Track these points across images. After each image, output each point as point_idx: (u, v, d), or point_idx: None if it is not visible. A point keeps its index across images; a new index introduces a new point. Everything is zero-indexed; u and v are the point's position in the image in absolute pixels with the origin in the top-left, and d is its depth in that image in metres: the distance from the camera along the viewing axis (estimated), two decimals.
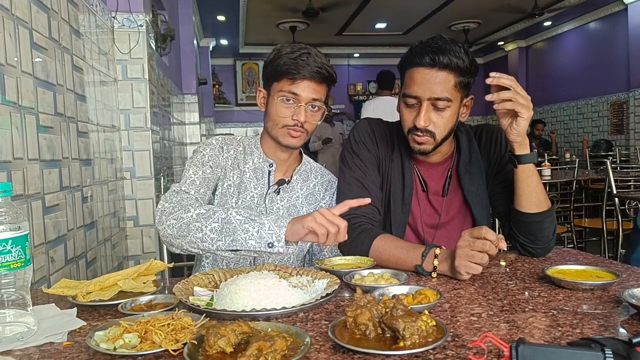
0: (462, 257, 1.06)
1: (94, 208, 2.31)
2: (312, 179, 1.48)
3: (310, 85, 1.31)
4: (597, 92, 7.81)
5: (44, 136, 1.75)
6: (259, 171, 1.42)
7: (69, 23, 2.10)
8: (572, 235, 3.90)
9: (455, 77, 1.25)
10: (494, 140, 1.43)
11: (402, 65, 1.33)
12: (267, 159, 1.42)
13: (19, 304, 0.82)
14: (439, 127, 1.29)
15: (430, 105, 1.26)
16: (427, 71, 1.24)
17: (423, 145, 1.31)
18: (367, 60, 10.76)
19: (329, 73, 1.33)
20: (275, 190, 1.41)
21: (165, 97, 3.81)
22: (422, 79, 1.25)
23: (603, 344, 0.61)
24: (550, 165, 4.26)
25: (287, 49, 1.32)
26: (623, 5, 6.98)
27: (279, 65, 1.31)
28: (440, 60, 1.22)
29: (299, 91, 1.31)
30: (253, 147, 1.44)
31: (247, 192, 1.39)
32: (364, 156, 1.41)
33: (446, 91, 1.25)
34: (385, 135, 1.45)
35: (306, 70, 1.29)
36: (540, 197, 1.27)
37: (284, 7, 7.15)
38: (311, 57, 1.30)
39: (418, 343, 0.70)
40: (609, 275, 1.03)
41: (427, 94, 1.25)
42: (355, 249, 1.28)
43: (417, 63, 1.26)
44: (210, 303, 0.95)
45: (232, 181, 1.40)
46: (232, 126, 9.99)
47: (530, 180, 1.25)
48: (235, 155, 1.42)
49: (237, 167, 1.41)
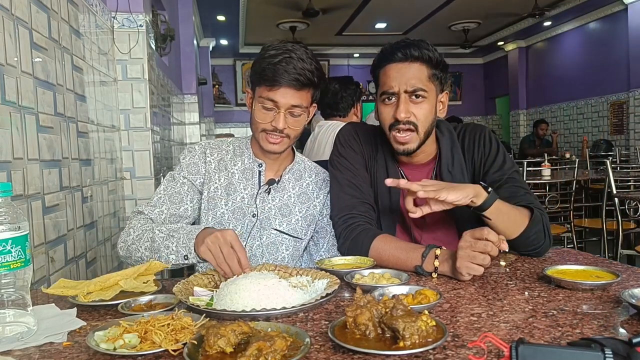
0: (464, 258, 1.06)
1: (94, 208, 2.31)
2: (305, 178, 1.47)
3: (289, 92, 1.28)
4: (597, 92, 7.81)
5: (44, 136, 1.75)
6: (248, 172, 1.41)
7: (68, 23, 2.10)
8: (572, 235, 3.89)
9: (428, 69, 1.29)
10: (478, 140, 1.41)
11: (376, 66, 1.36)
12: (257, 159, 1.42)
13: (19, 304, 0.82)
14: (420, 119, 1.29)
15: (407, 98, 1.29)
16: (400, 65, 1.29)
17: (407, 144, 1.31)
18: (367, 60, 10.74)
19: (308, 79, 1.28)
20: (266, 190, 1.40)
21: (165, 97, 3.81)
22: (397, 73, 1.29)
23: (603, 344, 0.61)
24: (550, 165, 4.25)
25: (271, 51, 1.28)
26: (623, 5, 6.98)
27: (260, 70, 1.29)
28: (411, 53, 1.28)
29: (277, 98, 1.28)
30: (244, 148, 1.44)
31: (236, 194, 1.39)
32: (351, 157, 1.43)
33: (421, 82, 1.28)
34: (369, 136, 1.47)
35: (284, 78, 1.25)
36: (517, 221, 1.24)
37: (284, 7, 7.15)
38: (291, 63, 1.26)
39: (418, 343, 0.70)
40: (609, 275, 1.03)
41: (403, 87, 1.28)
42: (355, 249, 1.28)
43: (389, 60, 1.31)
44: (210, 303, 0.95)
45: (218, 184, 1.40)
46: (232, 126, 9.99)
47: (501, 214, 1.22)
48: (220, 157, 1.42)
49: (224, 169, 1.41)
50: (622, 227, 3.13)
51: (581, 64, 8.21)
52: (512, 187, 1.33)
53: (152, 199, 1.38)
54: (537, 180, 3.94)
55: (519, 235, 1.24)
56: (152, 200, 1.37)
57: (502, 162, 1.38)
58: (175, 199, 1.37)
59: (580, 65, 8.23)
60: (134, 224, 1.31)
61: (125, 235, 1.30)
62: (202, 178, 1.41)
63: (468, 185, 1.21)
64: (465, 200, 1.17)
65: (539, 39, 9.29)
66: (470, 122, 1.68)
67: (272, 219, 1.39)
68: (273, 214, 1.40)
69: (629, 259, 3.42)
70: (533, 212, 1.26)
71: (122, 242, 1.30)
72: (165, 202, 1.36)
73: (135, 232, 1.28)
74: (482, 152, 1.41)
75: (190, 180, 1.40)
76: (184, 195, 1.38)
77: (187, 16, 5.44)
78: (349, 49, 10.15)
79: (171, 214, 1.36)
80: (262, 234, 1.39)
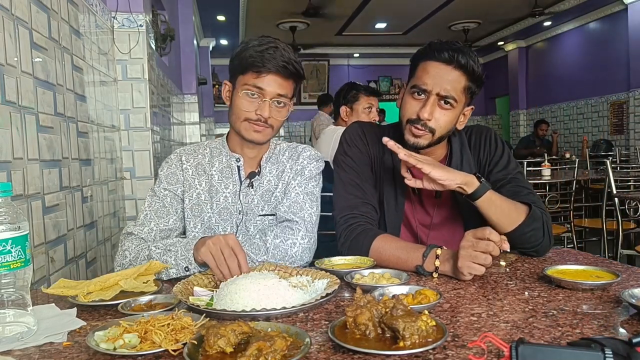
0: (466, 257, 1.06)
1: (94, 208, 2.31)
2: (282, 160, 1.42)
3: (276, 79, 1.28)
4: (597, 92, 7.81)
5: (43, 136, 1.75)
6: (226, 170, 1.39)
7: (68, 23, 2.10)
8: (572, 235, 3.89)
9: (466, 80, 1.28)
10: (484, 140, 1.43)
11: (417, 57, 1.33)
12: (233, 154, 1.40)
13: (19, 304, 0.82)
14: (440, 125, 1.29)
15: (436, 101, 1.28)
16: (442, 66, 1.27)
17: (419, 139, 1.31)
18: (367, 60, 10.77)
19: (295, 69, 1.30)
20: (249, 185, 1.38)
21: (165, 97, 3.81)
22: (436, 73, 1.27)
23: (603, 344, 0.61)
24: (550, 165, 4.25)
25: (254, 42, 1.29)
26: (623, 5, 6.98)
27: (244, 58, 1.28)
28: (458, 59, 1.25)
29: (264, 85, 1.28)
30: (220, 147, 1.42)
31: (219, 195, 1.38)
32: (356, 157, 1.42)
33: (455, 91, 1.27)
34: (375, 136, 1.45)
35: (272, 64, 1.26)
36: (512, 214, 1.25)
37: (284, 7, 7.15)
38: (278, 52, 1.27)
39: (418, 343, 0.70)
40: (609, 275, 1.03)
41: (437, 89, 1.26)
42: (355, 249, 1.28)
43: (434, 57, 1.28)
44: (210, 303, 0.95)
45: (200, 189, 1.38)
46: None
47: (494, 206, 1.23)
48: (197, 162, 1.41)
49: (202, 172, 1.40)
50: (622, 227, 3.13)
51: (581, 64, 8.21)
52: (515, 187, 1.34)
53: (139, 217, 1.36)
54: (537, 180, 3.94)
55: (514, 230, 1.24)
56: (139, 219, 1.35)
57: (506, 163, 1.39)
58: (162, 212, 1.35)
59: (580, 65, 8.23)
60: (127, 246, 1.29)
61: (121, 259, 1.27)
62: (182, 186, 1.39)
63: (460, 172, 1.22)
64: (451, 183, 1.19)
65: (539, 39, 9.29)
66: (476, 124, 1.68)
67: (255, 208, 1.38)
68: (256, 203, 1.38)
69: (629, 259, 3.42)
70: (531, 209, 1.26)
71: (119, 266, 1.27)
72: (152, 218, 1.34)
73: (130, 254, 1.26)
74: (487, 151, 1.42)
75: (171, 190, 1.38)
76: (169, 207, 1.36)
77: (187, 16, 5.44)
78: (349, 49, 10.15)
79: (160, 229, 1.34)
80: (249, 225, 1.37)
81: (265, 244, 1.27)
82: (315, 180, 1.42)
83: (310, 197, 1.37)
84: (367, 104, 3.01)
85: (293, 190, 1.37)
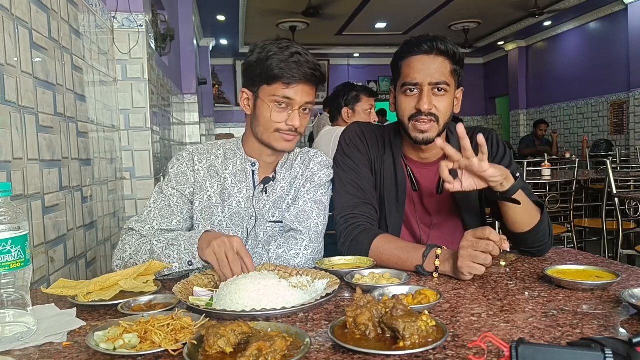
0: (466, 257, 1.06)
1: (93, 208, 2.31)
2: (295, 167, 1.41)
3: (304, 88, 1.27)
4: (597, 92, 7.81)
5: (43, 136, 1.75)
6: (240, 174, 1.37)
7: (68, 23, 2.10)
8: (572, 235, 3.89)
9: (450, 64, 1.31)
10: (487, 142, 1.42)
11: (398, 58, 1.36)
12: (249, 158, 1.37)
13: (19, 304, 0.82)
14: (442, 112, 1.31)
15: (431, 90, 1.29)
16: (425, 57, 1.30)
17: (427, 133, 1.31)
18: (367, 60, 10.76)
19: (321, 74, 1.30)
20: (262, 190, 1.36)
21: (165, 97, 3.81)
22: (422, 65, 1.30)
23: (603, 344, 0.61)
24: (550, 165, 4.25)
25: (274, 49, 1.25)
26: (623, 5, 6.98)
27: (269, 68, 1.24)
28: (438, 47, 1.29)
29: (292, 95, 1.26)
30: (235, 149, 1.40)
31: (231, 199, 1.35)
32: (356, 158, 1.42)
33: (444, 76, 1.30)
34: (375, 136, 1.46)
35: (300, 74, 1.24)
36: (532, 214, 1.26)
37: (284, 7, 7.15)
38: (303, 58, 1.25)
39: (418, 343, 0.70)
40: (609, 275, 1.03)
41: (428, 79, 1.29)
42: (355, 249, 1.28)
43: (414, 52, 1.31)
44: (210, 303, 0.95)
45: (212, 191, 1.36)
46: (232, 126, 9.98)
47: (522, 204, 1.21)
48: (210, 163, 1.38)
49: (215, 175, 1.37)
50: (622, 227, 3.13)
51: (581, 64, 8.21)
52: None
53: (142, 213, 1.34)
54: (537, 180, 3.94)
55: (530, 230, 1.25)
56: (142, 215, 1.33)
57: (508, 164, 1.39)
58: (166, 212, 1.33)
59: (580, 65, 8.22)
60: (127, 240, 1.27)
61: (121, 253, 1.26)
62: (192, 187, 1.36)
63: (500, 166, 1.20)
64: (500, 179, 1.16)
65: (539, 39, 9.29)
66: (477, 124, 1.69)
67: (266, 214, 1.36)
68: (268, 209, 1.36)
69: (629, 259, 3.42)
70: (543, 210, 1.28)
71: (119, 260, 1.26)
72: (155, 217, 1.32)
73: (131, 248, 1.24)
74: (489, 152, 1.41)
75: (179, 190, 1.35)
76: (174, 208, 1.34)
77: (187, 16, 5.44)
78: (349, 49, 10.14)
79: (162, 229, 1.32)
80: (259, 231, 1.36)
81: (267, 253, 1.26)
82: (324, 188, 1.40)
83: (319, 205, 1.36)
84: (368, 105, 3.02)
85: (302, 198, 1.35)
